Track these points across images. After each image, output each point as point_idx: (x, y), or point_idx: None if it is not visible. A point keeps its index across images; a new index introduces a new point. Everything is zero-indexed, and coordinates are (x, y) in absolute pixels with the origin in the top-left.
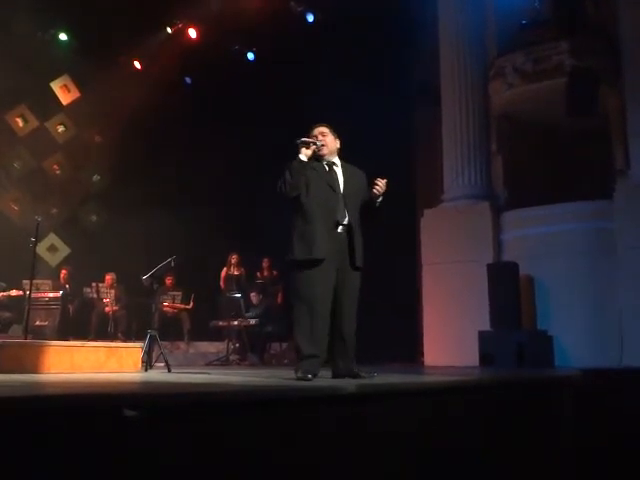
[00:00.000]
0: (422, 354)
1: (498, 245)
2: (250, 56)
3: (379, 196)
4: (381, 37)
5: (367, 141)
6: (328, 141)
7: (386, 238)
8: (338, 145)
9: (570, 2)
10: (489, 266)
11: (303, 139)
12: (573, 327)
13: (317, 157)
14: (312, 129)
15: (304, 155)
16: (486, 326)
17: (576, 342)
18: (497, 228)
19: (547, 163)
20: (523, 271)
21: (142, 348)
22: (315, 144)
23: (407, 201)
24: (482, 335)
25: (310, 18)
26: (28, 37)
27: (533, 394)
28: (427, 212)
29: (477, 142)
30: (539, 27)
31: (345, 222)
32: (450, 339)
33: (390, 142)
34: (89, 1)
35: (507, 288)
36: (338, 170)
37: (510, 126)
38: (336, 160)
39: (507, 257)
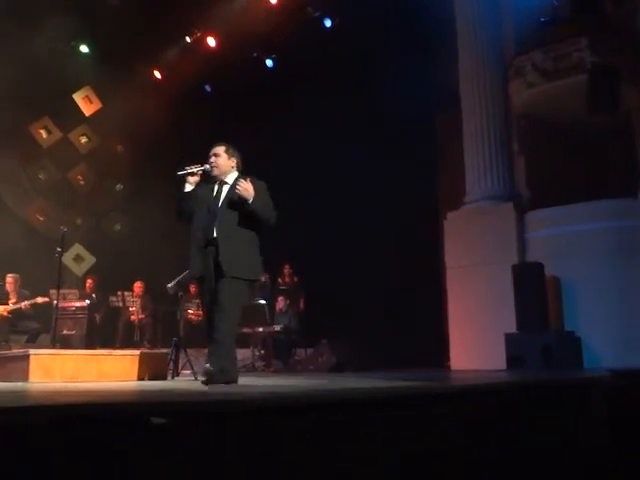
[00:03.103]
0: (448, 358)
1: (522, 246)
2: (269, 63)
3: (246, 198)
4: (398, 40)
5: (388, 146)
6: (220, 162)
7: (409, 242)
8: (233, 163)
9: None
10: (514, 267)
11: (181, 172)
12: (601, 327)
13: (211, 178)
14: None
15: (189, 184)
16: (512, 328)
17: (604, 343)
18: (521, 228)
19: (570, 162)
20: (549, 271)
21: (168, 355)
22: (198, 171)
23: (429, 204)
24: (509, 338)
25: (328, 23)
26: (50, 50)
27: (562, 396)
28: (450, 214)
29: (498, 143)
30: (558, 24)
31: (214, 236)
32: (476, 342)
33: (411, 146)
34: (108, 13)
35: (533, 289)
36: (225, 188)
37: (531, 125)
38: (229, 178)
39: (532, 258)
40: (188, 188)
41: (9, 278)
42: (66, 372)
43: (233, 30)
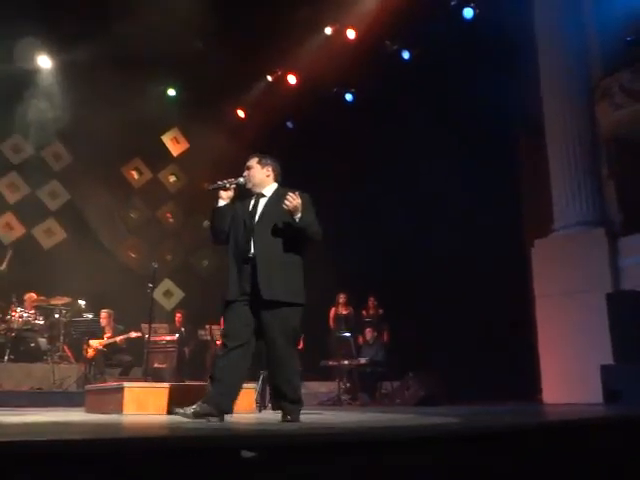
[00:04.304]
0: (540, 391)
1: (616, 273)
2: (348, 97)
3: (294, 212)
4: (479, 65)
5: (471, 172)
6: (252, 174)
7: (495, 270)
8: (268, 172)
9: None
10: (609, 295)
11: (212, 186)
12: None
13: (249, 193)
14: None
15: (222, 200)
16: (608, 360)
17: None
18: (614, 255)
19: None
20: None
21: (255, 389)
22: (229, 184)
23: (515, 230)
24: (605, 370)
25: (406, 55)
26: (140, 95)
27: None
28: (538, 242)
29: (586, 167)
30: None
31: (251, 254)
32: (570, 374)
33: (494, 170)
34: (193, 58)
35: (630, 318)
36: (263, 201)
37: (621, 148)
38: (266, 190)
39: (627, 285)
40: (221, 203)
41: (103, 313)
42: (158, 404)
43: (313, 67)
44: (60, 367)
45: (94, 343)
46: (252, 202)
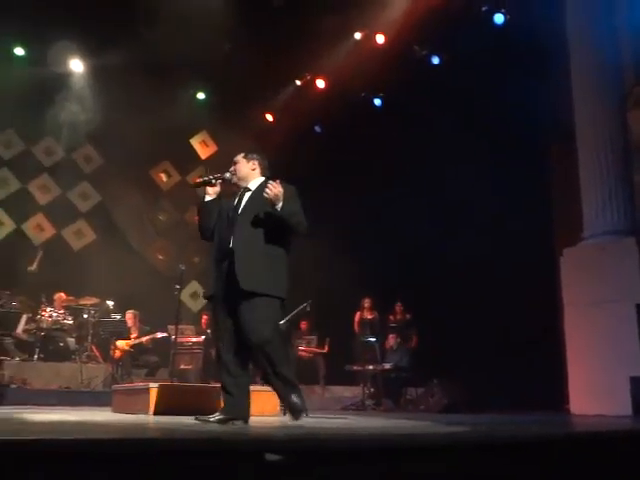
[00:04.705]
0: (567, 401)
1: None
2: (377, 102)
3: (275, 201)
4: (509, 74)
5: (501, 180)
6: (238, 168)
7: (523, 277)
8: (254, 166)
9: None
10: (639, 306)
11: (198, 180)
12: None
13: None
14: None
15: (209, 195)
16: (639, 371)
17: None
18: None
19: None
20: None
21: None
22: (215, 179)
23: (544, 237)
24: (635, 382)
25: (435, 61)
26: (169, 99)
27: None
28: (567, 251)
29: (618, 175)
30: None
31: (230, 247)
32: (598, 385)
33: (524, 177)
34: (222, 62)
35: None
36: (248, 194)
37: None
38: (252, 184)
39: None
40: (208, 199)
41: (129, 314)
42: (184, 405)
43: (342, 71)
44: (88, 367)
45: (121, 344)
46: (237, 197)
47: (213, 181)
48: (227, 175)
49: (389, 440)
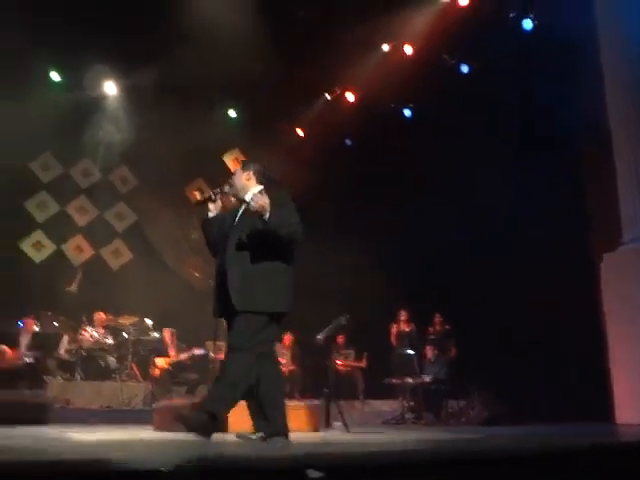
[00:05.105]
0: (612, 410)
1: None
2: (407, 112)
3: (262, 213)
4: (540, 80)
5: (535, 186)
6: (234, 181)
7: (562, 283)
8: (249, 176)
9: None
10: None
11: (197, 198)
12: None
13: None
14: None
15: (211, 212)
16: None
17: None
18: None
19: None
20: None
21: (320, 407)
22: (215, 195)
23: (581, 242)
24: None
25: (464, 69)
26: (201, 117)
27: None
28: (607, 256)
29: None
30: None
31: (224, 264)
32: None
33: (557, 186)
34: (253, 79)
35: None
36: (244, 206)
37: None
38: (248, 195)
39: None
40: (210, 215)
41: (166, 332)
42: (226, 423)
43: (370, 84)
44: (128, 385)
45: (159, 361)
46: (237, 211)
47: (213, 197)
48: (226, 188)
49: (431, 454)
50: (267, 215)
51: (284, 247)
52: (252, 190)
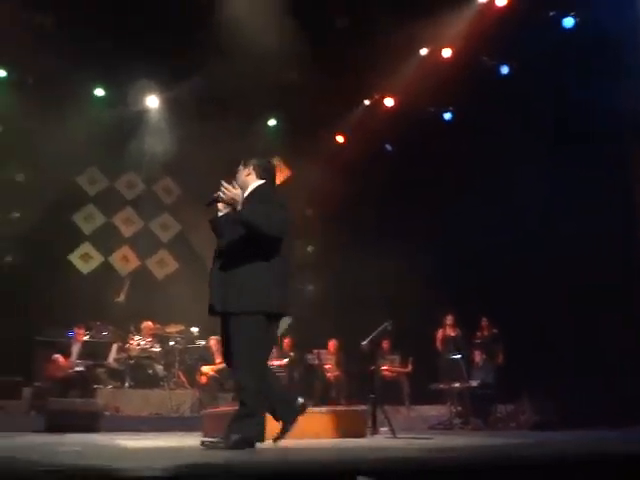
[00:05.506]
0: None
1: None
2: (447, 116)
3: (233, 205)
4: (582, 77)
5: (578, 186)
6: (237, 176)
7: (612, 287)
8: (248, 172)
9: None
10: None
11: (208, 201)
12: None
13: None
14: None
15: (220, 211)
16: None
17: None
18: None
19: None
20: None
21: (366, 413)
22: (219, 195)
23: (627, 245)
24: None
25: (504, 70)
26: (241, 126)
27: None
28: None
29: None
30: None
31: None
32: None
33: (603, 185)
34: (292, 88)
35: None
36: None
37: None
38: (246, 192)
39: None
40: (219, 214)
41: (212, 340)
42: (274, 428)
43: (409, 88)
44: (176, 393)
45: (206, 369)
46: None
47: (228, 191)
48: (230, 189)
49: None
50: (239, 207)
51: (263, 243)
52: (251, 186)
